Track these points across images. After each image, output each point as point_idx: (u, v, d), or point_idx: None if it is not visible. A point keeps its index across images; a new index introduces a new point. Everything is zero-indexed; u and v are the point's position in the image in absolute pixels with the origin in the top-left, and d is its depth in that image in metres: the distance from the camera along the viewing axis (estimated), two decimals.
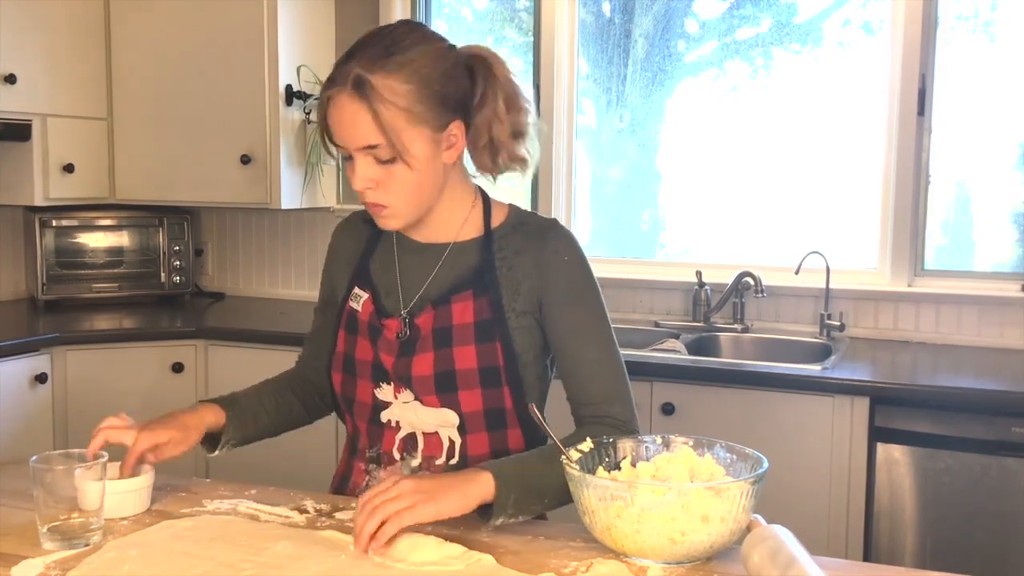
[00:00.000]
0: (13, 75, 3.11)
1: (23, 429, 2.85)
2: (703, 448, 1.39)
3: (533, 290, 1.51)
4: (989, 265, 3.00)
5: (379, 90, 1.38)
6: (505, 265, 1.52)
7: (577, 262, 1.54)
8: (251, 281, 3.84)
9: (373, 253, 1.61)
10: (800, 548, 1.19)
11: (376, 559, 1.27)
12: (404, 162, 1.41)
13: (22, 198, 3.31)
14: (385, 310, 1.55)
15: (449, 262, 1.54)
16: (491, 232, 1.55)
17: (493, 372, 1.49)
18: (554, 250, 1.53)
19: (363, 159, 1.42)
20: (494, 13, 3.65)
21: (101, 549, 1.31)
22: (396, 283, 1.56)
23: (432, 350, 1.49)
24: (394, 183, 1.43)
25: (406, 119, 1.40)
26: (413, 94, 1.40)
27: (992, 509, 2.36)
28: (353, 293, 1.59)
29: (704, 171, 3.37)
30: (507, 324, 1.50)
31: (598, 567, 1.25)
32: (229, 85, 3.34)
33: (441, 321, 1.50)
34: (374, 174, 1.43)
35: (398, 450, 1.53)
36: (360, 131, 1.40)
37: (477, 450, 1.51)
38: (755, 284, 2.99)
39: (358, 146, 1.41)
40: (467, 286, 1.51)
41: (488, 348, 1.49)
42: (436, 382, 1.49)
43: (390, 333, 1.52)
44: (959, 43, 2.95)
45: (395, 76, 1.39)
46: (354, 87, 1.38)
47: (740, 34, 3.29)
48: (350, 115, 1.40)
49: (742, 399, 2.56)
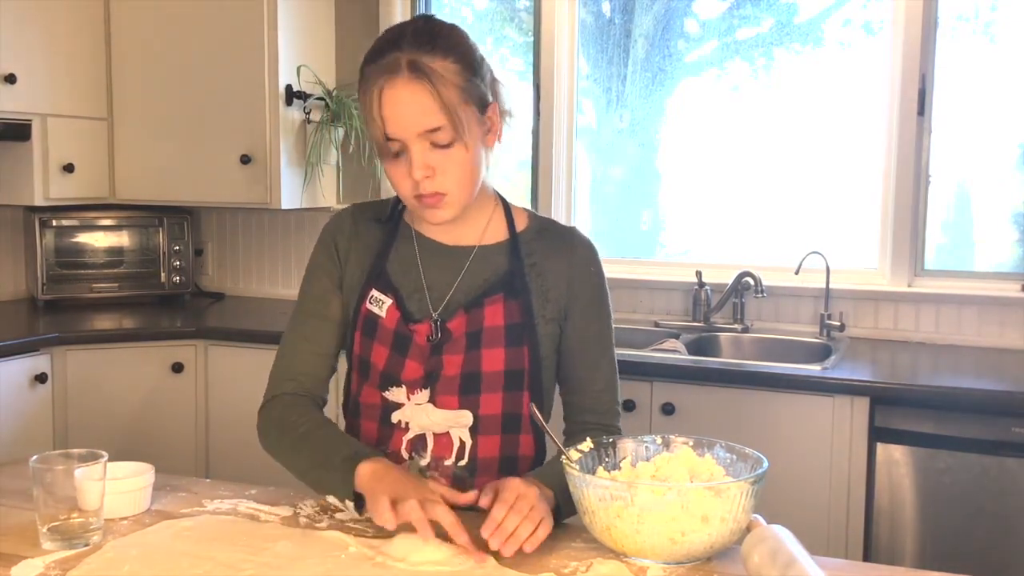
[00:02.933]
0: (13, 75, 3.11)
1: (23, 429, 2.85)
2: (703, 448, 1.39)
3: (561, 298, 1.54)
4: (989, 265, 3.00)
5: (437, 71, 1.39)
6: (534, 271, 1.54)
7: (601, 273, 1.59)
8: (251, 281, 3.84)
9: (389, 254, 1.57)
10: (800, 548, 1.19)
11: (377, 559, 1.27)
12: (463, 143, 1.41)
13: (22, 198, 3.31)
14: (411, 314, 1.52)
15: (476, 265, 1.54)
16: (517, 236, 1.56)
17: (517, 376, 1.50)
18: (582, 260, 1.57)
19: (420, 145, 1.40)
20: (494, 13, 3.65)
21: (101, 549, 1.31)
22: (421, 285, 1.54)
23: (463, 352, 1.49)
24: (452, 167, 1.42)
25: (460, 97, 1.41)
26: (462, 72, 1.41)
27: (992, 509, 2.36)
28: (372, 296, 1.54)
29: (704, 171, 3.37)
30: (536, 329, 1.52)
31: (598, 567, 1.25)
32: (229, 85, 3.34)
33: (473, 324, 1.50)
34: (432, 160, 1.41)
35: (406, 450, 1.52)
36: (424, 114, 1.39)
37: (487, 452, 1.51)
38: (755, 284, 2.99)
39: (420, 130, 1.39)
40: (498, 289, 1.52)
41: (516, 352, 1.50)
42: (461, 382, 1.49)
43: (420, 338, 1.50)
44: (959, 43, 2.95)
45: (445, 57, 1.40)
46: (411, 70, 1.38)
47: (740, 34, 3.29)
48: (411, 99, 1.38)
49: (742, 399, 2.56)
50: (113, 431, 3.02)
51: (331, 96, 3.43)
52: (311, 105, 3.40)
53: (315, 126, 3.41)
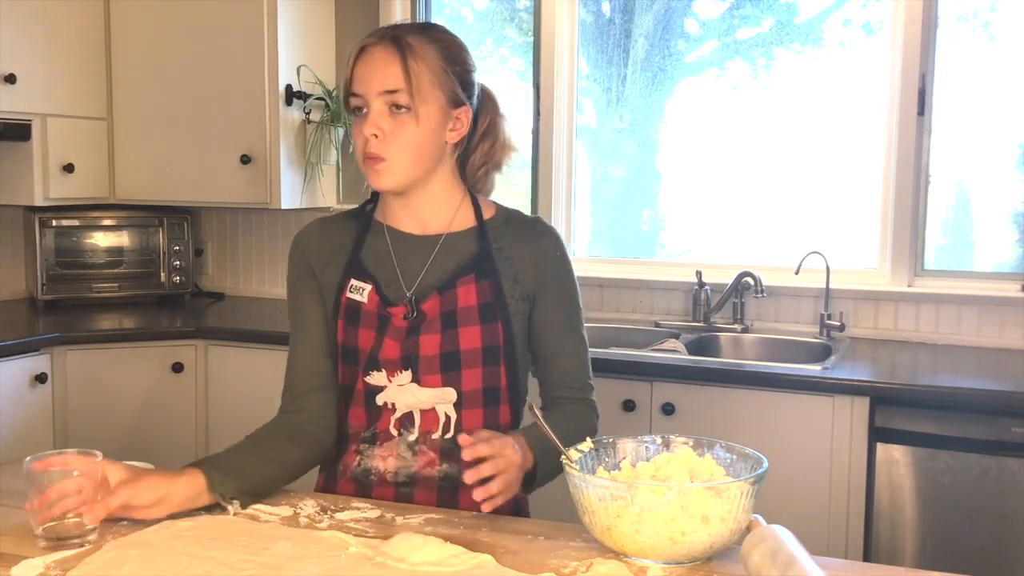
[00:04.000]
0: (13, 75, 3.11)
1: (23, 429, 2.85)
2: (703, 448, 1.39)
3: (528, 282, 1.63)
4: (989, 265, 3.00)
5: (413, 46, 1.52)
6: (502, 256, 1.62)
7: (565, 257, 1.68)
8: (251, 281, 3.84)
9: (362, 248, 1.64)
10: (800, 548, 1.19)
11: (377, 559, 1.27)
12: (415, 116, 1.51)
13: (22, 198, 3.31)
14: (388, 299, 1.59)
15: (445, 250, 1.62)
16: (484, 223, 1.64)
17: (494, 351, 1.58)
18: (548, 246, 1.66)
19: (378, 104, 1.51)
20: (494, 13, 3.64)
21: (101, 549, 1.31)
22: (395, 274, 1.61)
23: (439, 332, 1.56)
24: (400, 135, 1.52)
25: (429, 79, 1.52)
26: (439, 61, 1.54)
27: (992, 509, 2.36)
28: (352, 285, 1.61)
29: (704, 171, 3.37)
30: (507, 307, 1.60)
31: (598, 567, 1.25)
32: (229, 85, 3.34)
33: (447, 305, 1.57)
34: (384, 123, 1.51)
35: (394, 428, 1.59)
36: (387, 75, 1.50)
37: (471, 424, 1.59)
38: (755, 284, 2.99)
39: (380, 89, 1.50)
40: (469, 270, 1.60)
41: (491, 328, 1.58)
42: (441, 362, 1.56)
43: (397, 320, 1.57)
44: (959, 43, 2.95)
45: (429, 44, 1.54)
46: (391, 40, 1.52)
47: (740, 34, 3.29)
48: (380, 60, 1.51)
49: (742, 399, 2.56)
50: (113, 431, 3.02)
51: (331, 96, 3.43)
52: (311, 105, 3.40)
53: (315, 126, 3.41)
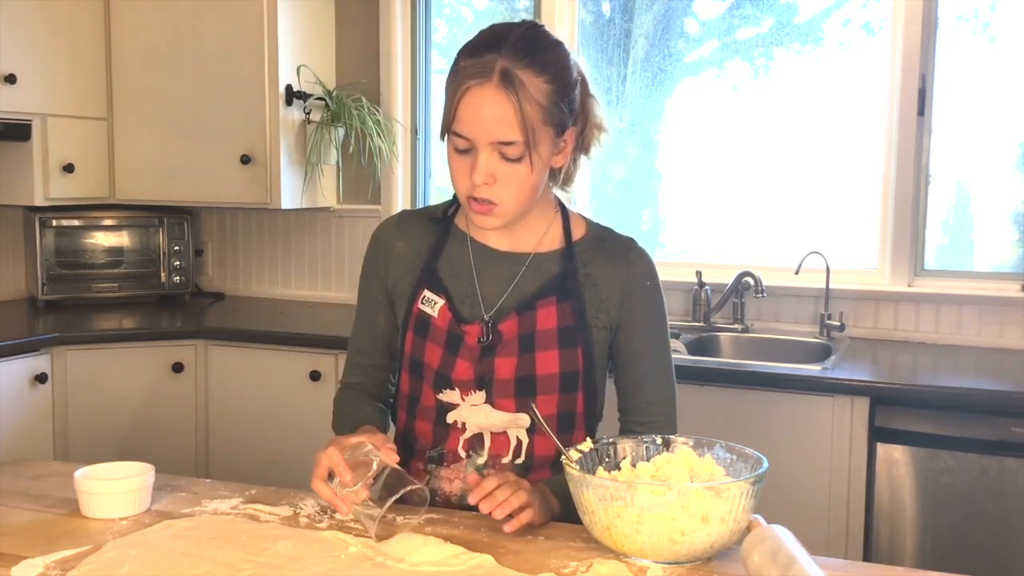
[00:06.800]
0: (13, 75, 3.11)
1: (23, 429, 2.85)
2: (703, 448, 1.39)
3: (614, 310, 1.55)
4: (989, 265, 3.00)
5: (525, 84, 1.38)
6: (589, 281, 1.55)
7: (657, 287, 1.59)
8: (251, 281, 3.84)
9: (440, 257, 1.58)
10: (800, 548, 1.19)
11: (377, 559, 1.27)
12: (530, 162, 1.41)
13: (22, 198, 3.31)
14: (462, 316, 1.53)
15: (530, 272, 1.55)
16: (572, 244, 1.57)
17: (572, 377, 1.52)
18: (640, 275, 1.57)
19: (490, 154, 1.41)
20: (494, 13, 3.64)
21: (101, 549, 1.31)
22: (474, 290, 1.55)
23: (516, 355, 1.50)
24: (513, 182, 1.43)
25: (541, 117, 1.41)
26: (552, 95, 1.41)
27: (992, 509, 2.36)
28: (424, 297, 1.55)
29: (704, 171, 3.37)
30: (589, 333, 1.52)
31: (598, 567, 1.25)
32: (229, 85, 3.34)
33: (525, 327, 1.51)
34: (496, 170, 1.42)
35: (463, 448, 1.54)
36: (501, 126, 1.38)
37: (544, 451, 1.53)
38: (755, 284, 2.99)
39: (494, 139, 1.39)
40: (551, 292, 1.53)
41: (570, 353, 1.51)
42: (516, 386, 1.50)
43: (471, 339, 1.51)
44: (959, 43, 2.95)
45: (541, 75, 1.40)
46: (502, 79, 1.37)
47: (740, 34, 3.29)
48: (493, 107, 1.38)
49: (742, 399, 2.56)
50: (113, 431, 3.02)
51: (331, 96, 3.43)
52: (311, 105, 3.40)
53: (315, 126, 3.41)
